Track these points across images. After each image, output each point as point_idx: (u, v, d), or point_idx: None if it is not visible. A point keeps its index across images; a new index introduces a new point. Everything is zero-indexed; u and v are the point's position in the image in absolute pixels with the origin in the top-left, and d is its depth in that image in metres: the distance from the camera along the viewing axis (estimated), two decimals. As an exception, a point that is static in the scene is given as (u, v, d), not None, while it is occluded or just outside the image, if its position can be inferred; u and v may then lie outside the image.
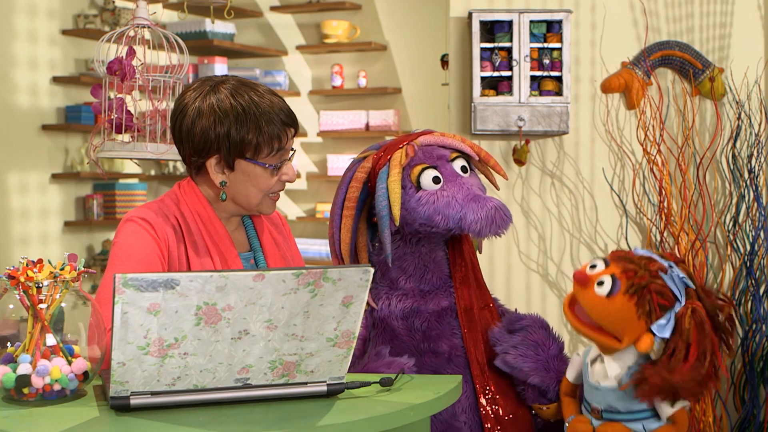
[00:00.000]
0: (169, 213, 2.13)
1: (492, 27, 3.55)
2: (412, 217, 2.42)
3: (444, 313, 2.50)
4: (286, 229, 2.40)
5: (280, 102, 2.15)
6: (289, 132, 2.13)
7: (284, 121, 2.11)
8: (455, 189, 2.42)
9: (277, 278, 1.63)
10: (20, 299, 1.76)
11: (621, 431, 2.19)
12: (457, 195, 2.40)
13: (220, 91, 2.10)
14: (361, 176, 2.52)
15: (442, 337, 2.49)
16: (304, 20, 6.25)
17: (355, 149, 6.06)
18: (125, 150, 2.82)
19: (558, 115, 3.52)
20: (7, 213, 5.16)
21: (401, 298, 2.50)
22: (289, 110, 2.15)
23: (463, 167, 2.47)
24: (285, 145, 2.12)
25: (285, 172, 2.16)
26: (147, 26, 2.85)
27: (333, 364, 1.77)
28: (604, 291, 2.14)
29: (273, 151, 2.10)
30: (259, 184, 2.12)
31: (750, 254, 3.55)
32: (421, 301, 2.50)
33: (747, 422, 3.53)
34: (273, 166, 2.12)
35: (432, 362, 2.47)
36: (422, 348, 2.48)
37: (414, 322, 2.48)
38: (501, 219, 2.38)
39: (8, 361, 1.76)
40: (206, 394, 1.72)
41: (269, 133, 2.09)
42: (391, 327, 2.50)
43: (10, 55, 5.17)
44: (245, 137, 2.07)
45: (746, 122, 3.61)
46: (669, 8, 3.68)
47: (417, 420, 1.77)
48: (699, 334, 2.12)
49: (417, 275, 2.51)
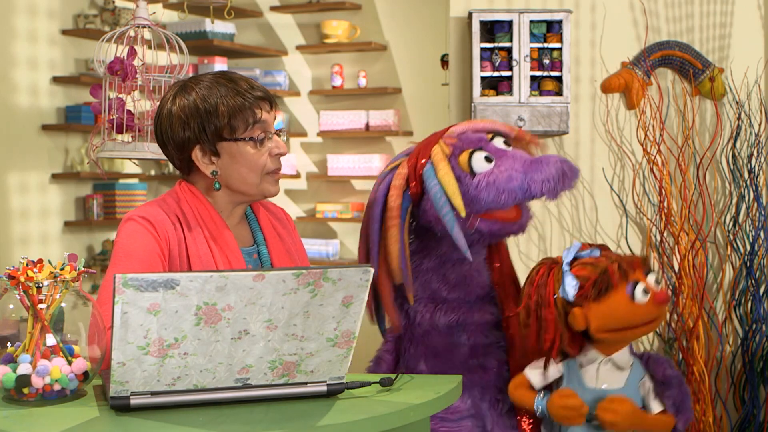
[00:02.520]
0: (170, 211, 2.13)
1: (492, 27, 3.55)
2: (475, 207, 2.25)
3: (490, 326, 2.40)
4: (291, 225, 2.39)
5: (253, 82, 2.14)
6: (263, 105, 2.11)
7: (256, 96, 2.10)
8: (510, 162, 2.26)
9: (277, 278, 1.63)
10: (20, 299, 1.76)
11: (632, 408, 2.21)
12: (515, 166, 2.25)
13: (189, 90, 2.11)
14: (400, 183, 2.33)
15: (490, 352, 2.38)
16: (304, 20, 6.25)
17: (355, 149, 6.06)
18: (125, 150, 2.82)
19: (558, 115, 3.52)
20: (7, 213, 5.16)
21: (446, 311, 2.37)
22: (262, 87, 2.14)
23: (506, 142, 2.35)
24: (262, 117, 2.11)
25: (275, 146, 2.14)
26: (147, 26, 2.85)
27: (333, 364, 1.77)
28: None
29: (250, 126, 2.10)
30: (249, 163, 2.11)
31: (750, 254, 3.54)
32: (468, 313, 2.37)
33: (747, 422, 3.53)
34: (255, 139, 2.10)
35: (482, 379, 2.37)
36: (470, 364, 2.37)
37: (461, 337, 2.36)
38: (570, 169, 2.25)
39: (8, 361, 1.76)
40: (206, 394, 1.72)
41: (238, 107, 2.08)
42: (433, 344, 2.36)
43: (10, 55, 5.17)
44: (217, 124, 2.08)
45: (746, 122, 3.61)
46: (669, 8, 3.68)
47: (417, 420, 1.77)
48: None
49: (461, 285, 2.37)
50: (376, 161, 5.86)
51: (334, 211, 6.02)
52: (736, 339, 3.62)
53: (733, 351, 3.62)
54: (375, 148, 6.04)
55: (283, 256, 2.25)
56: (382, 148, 6.03)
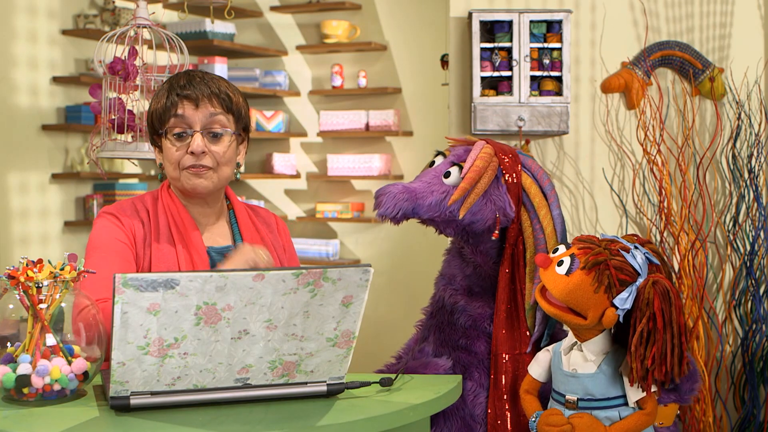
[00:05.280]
0: (141, 207, 2.24)
1: (492, 27, 3.55)
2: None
3: (485, 317, 2.54)
4: (281, 231, 2.40)
5: (206, 81, 2.21)
6: (186, 102, 2.18)
7: (185, 94, 2.18)
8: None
9: (276, 278, 1.63)
10: (20, 299, 1.76)
11: (591, 422, 2.22)
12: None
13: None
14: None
15: (479, 338, 2.52)
16: (304, 20, 6.24)
17: (355, 149, 6.06)
18: (125, 150, 2.83)
19: (558, 115, 3.52)
20: (7, 213, 5.16)
21: (452, 294, 2.56)
22: (209, 88, 2.20)
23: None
24: (181, 113, 2.18)
25: (192, 143, 2.19)
26: (147, 26, 2.85)
27: (333, 364, 1.77)
28: (564, 269, 2.23)
29: (170, 120, 2.19)
30: (169, 157, 2.21)
31: (750, 254, 3.55)
32: (469, 301, 2.54)
33: (747, 422, 3.53)
34: (171, 135, 2.18)
35: (467, 359, 2.51)
36: (459, 344, 2.52)
37: (459, 319, 2.53)
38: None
39: (8, 361, 1.76)
40: (206, 394, 1.72)
41: (166, 102, 2.19)
42: (440, 319, 2.57)
43: (10, 55, 5.17)
44: (151, 112, 2.23)
45: (746, 122, 3.61)
46: (669, 8, 3.68)
47: (417, 420, 1.77)
48: (663, 303, 2.16)
49: (471, 277, 2.55)
50: (376, 161, 5.86)
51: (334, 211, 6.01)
52: (736, 339, 3.62)
53: (733, 351, 3.62)
54: (375, 148, 6.03)
55: None
56: (382, 148, 6.03)
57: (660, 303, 2.16)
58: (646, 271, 2.23)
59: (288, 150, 6.27)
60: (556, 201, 2.52)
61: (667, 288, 2.17)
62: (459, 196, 2.35)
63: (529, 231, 2.48)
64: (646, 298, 2.17)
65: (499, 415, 2.45)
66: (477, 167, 2.39)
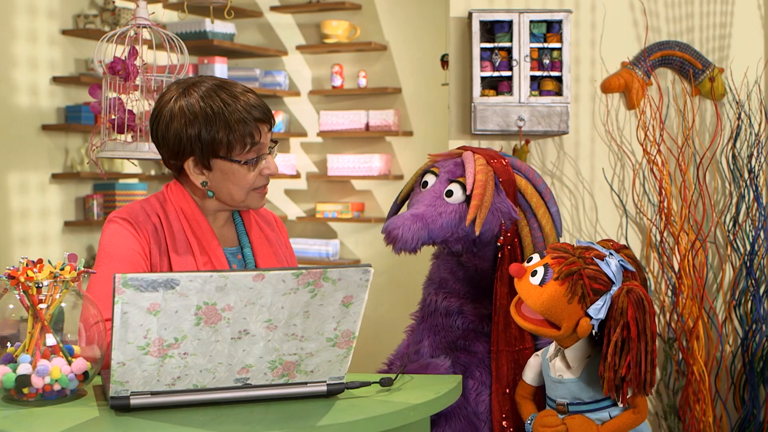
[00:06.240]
0: (151, 212, 2.16)
1: (492, 27, 3.55)
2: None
3: (482, 317, 2.55)
4: (280, 228, 2.40)
5: (254, 99, 2.14)
6: (262, 128, 2.13)
7: (256, 117, 2.11)
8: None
9: (276, 278, 1.63)
10: (20, 299, 1.76)
11: (583, 422, 2.22)
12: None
13: (191, 93, 2.11)
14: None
15: (478, 339, 2.54)
16: (304, 20, 6.24)
17: (355, 149, 6.06)
18: (125, 150, 2.82)
19: (558, 115, 3.52)
20: (7, 213, 5.16)
21: (447, 297, 2.55)
22: (263, 106, 2.15)
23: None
24: (259, 140, 2.12)
25: (266, 167, 2.16)
26: (147, 26, 2.85)
27: (333, 364, 1.77)
28: (537, 280, 2.20)
29: (247, 148, 2.11)
30: (238, 182, 2.13)
31: (750, 254, 3.55)
32: (465, 302, 2.55)
33: (747, 422, 3.53)
34: (250, 162, 2.12)
35: (465, 359, 2.52)
36: (459, 345, 2.53)
37: (456, 321, 2.53)
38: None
39: (8, 361, 1.76)
40: (206, 394, 1.72)
41: (240, 132, 2.08)
42: (435, 322, 2.56)
43: (10, 55, 5.17)
44: (215, 137, 2.08)
45: (746, 122, 3.61)
46: (669, 8, 3.68)
47: (417, 420, 1.77)
48: (637, 311, 2.15)
49: (465, 281, 2.56)
50: (376, 161, 5.86)
51: (334, 211, 6.01)
52: (736, 339, 3.62)
53: (733, 351, 3.62)
54: (375, 148, 6.04)
55: (269, 258, 2.26)
56: (382, 148, 6.03)
57: (634, 312, 2.15)
58: (620, 279, 2.21)
59: (288, 150, 6.27)
60: (552, 198, 2.54)
61: (641, 296, 2.16)
62: (474, 214, 2.38)
63: (526, 230, 2.49)
64: (620, 308, 2.16)
65: (503, 410, 2.46)
66: (480, 181, 2.40)
